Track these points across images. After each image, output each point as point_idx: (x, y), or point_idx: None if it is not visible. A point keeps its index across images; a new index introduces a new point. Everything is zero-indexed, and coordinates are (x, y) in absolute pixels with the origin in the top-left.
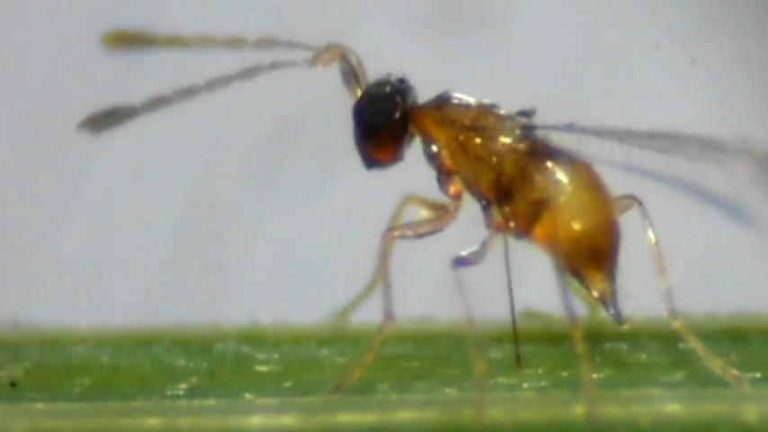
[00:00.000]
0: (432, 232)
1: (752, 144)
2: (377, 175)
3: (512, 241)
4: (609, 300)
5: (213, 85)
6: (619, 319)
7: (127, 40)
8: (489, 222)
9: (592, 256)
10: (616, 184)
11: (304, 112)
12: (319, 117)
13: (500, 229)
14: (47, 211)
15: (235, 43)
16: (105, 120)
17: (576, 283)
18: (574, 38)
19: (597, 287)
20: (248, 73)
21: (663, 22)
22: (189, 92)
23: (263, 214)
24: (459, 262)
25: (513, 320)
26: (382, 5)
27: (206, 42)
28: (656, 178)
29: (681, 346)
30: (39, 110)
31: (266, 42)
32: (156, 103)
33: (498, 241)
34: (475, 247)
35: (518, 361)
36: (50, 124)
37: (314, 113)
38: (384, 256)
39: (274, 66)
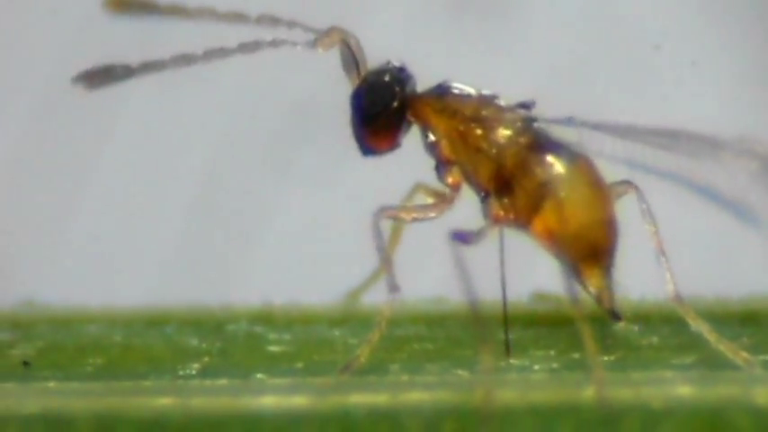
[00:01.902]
0: (423, 218)
1: (753, 143)
2: (389, 159)
3: None
4: (604, 296)
5: (210, 56)
6: (614, 315)
7: (129, 5)
8: (487, 213)
9: (589, 252)
10: (618, 178)
11: (319, 96)
12: (334, 101)
13: (498, 220)
14: (60, 193)
15: (237, 18)
16: (100, 76)
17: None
18: (579, 35)
19: (593, 283)
20: (247, 48)
21: (664, 23)
22: (186, 60)
23: (276, 196)
24: (457, 236)
25: (505, 308)
26: None
27: (208, 14)
28: (657, 174)
29: (692, 329)
30: (52, 91)
31: (268, 20)
32: (152, 66)
33: (495, 232)
34: (473, 231)
35: (507, 349)
36: (64, 106)
37: (329, 98)
38: (377, 233)
39: (274, 44)
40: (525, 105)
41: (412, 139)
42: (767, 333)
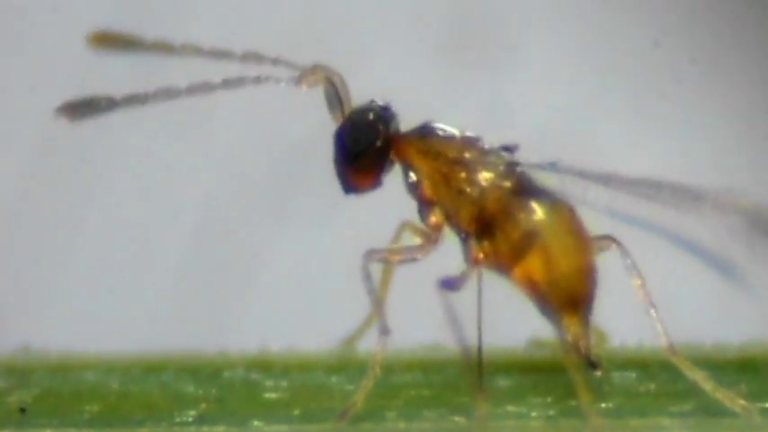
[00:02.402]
0: (410, 260)
1: (737, 196)
2: (386, 202)
3: None
4: (582, 344)
5: (194, 90)
6: (591, 364)
7: (113, 41)
8: (467, 256)
9: (568, 300)
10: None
11: (313, 138)
12: (329, 142)
13: (477, 262)
14: (56, 238)
15: (221, 55)
16: (84, 108)
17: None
18: (581, 66)
19: (571, 331)
20: (232, 83)
21: (663, 20)
22: (169, 93)
23: (273, 241)
24: (444, 283)
25: (480, 354)
26: (394, 32)
27: (193, 51)
28: (639, 225)
29: (690, 376)
30: (45, 136)
31: (253, 57)
32: (136, 99)
33: (475, 275)
34: (456, 276)
35: (481, 392)
36: (57, 152)
37: (324, 139)
38: (367, 276)
39: (258, 80)
40: (508, 148)
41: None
42: (765, 380)
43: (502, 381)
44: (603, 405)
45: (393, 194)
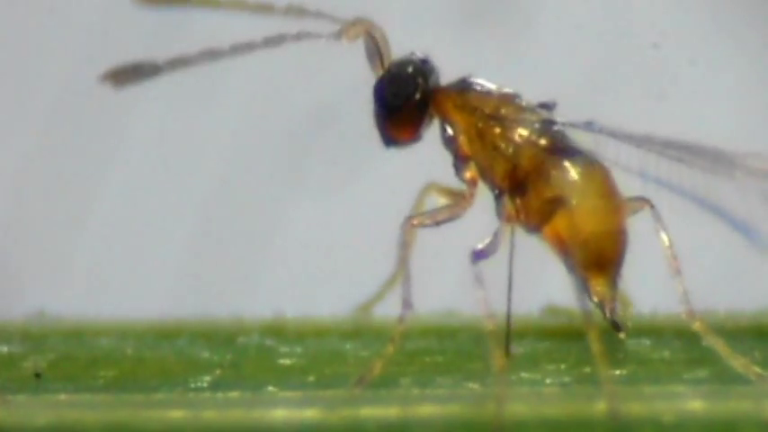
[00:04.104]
0: (450, 219)
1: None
2: (404, 167)
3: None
4: (608, 306)
5: (237, 50)
6: (616, 326)
7: None
8: (500, 212)
9: (597, 261)
10: (632, 187)
11: (332, 103)
12: (348, 108)
13: (510, 220)
14: (71, 204)
15: (264, 9)
16: (128, 74)
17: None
18: (590, 39)
19: (598, 292)
20: (273, 41)
21: (662, 21)
22: (212, 55)
23: (289, 207)
24: (478, 255)
25: (509, 311)
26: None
27: (236, 5)
28: (669, 187)
29: (704, 343)
30: (62, 102)
31: (295, 11)
32: (180, 62)
33: (508, 232)
34: (488, 239)
35: (507, 354)
36: (75, 117)
37: (343, 105)
38: (404, 245)
39: (300, 36)
40: (546, 106)
41: (424, 144)
42: None
43: (516, 347)
44: (618, 372)
45: (408, 161)
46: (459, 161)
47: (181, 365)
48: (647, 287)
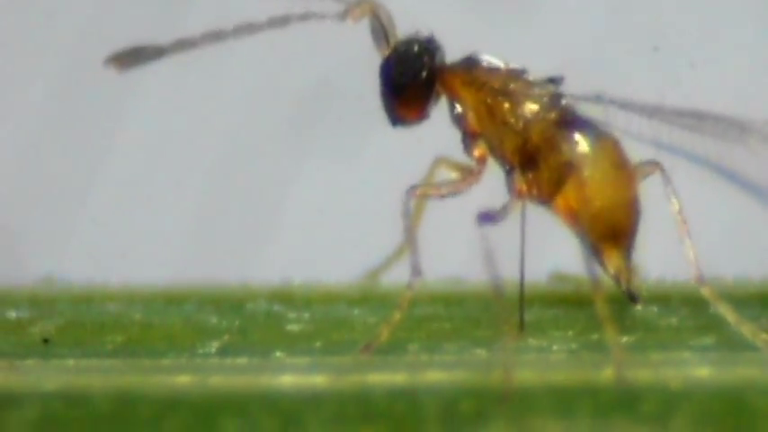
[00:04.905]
0: (454, 193)
1: None
2: (410, 136)
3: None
4: (623, 277)
5: (241, 31)
6: (631, 296)
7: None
8: (511, 187)
9: (609, 233)
10: (643, 157)
11: (339, 72)
12: (354, 77)
13: (521, 195)
14: (79, 170)
15: None
16: (132, 57)
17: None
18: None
19: (612, 263)
20: (278, 22)
21: (662, 24)
22: (216, 36)
23: (297, 173)
24: (483, 217)
25: (522, 283)
26: None
27: None
28: (682, 155)
29: (711, 310)
30: (69, 73)
31: None
32: (183, 44)
33: (518, 207)
34: (497, 207)
35: (521, 326)
36: (82, 87)
37: (349, 74)
38: (407, 213)
39: (305, 17)
40: (553, 80)
41: (432, 117)
42: None
43: (524, 314)
44: (625, 339)
45: (419, 128)
46: (468, 138)
47: (188, 331)
48: (654, 254)
